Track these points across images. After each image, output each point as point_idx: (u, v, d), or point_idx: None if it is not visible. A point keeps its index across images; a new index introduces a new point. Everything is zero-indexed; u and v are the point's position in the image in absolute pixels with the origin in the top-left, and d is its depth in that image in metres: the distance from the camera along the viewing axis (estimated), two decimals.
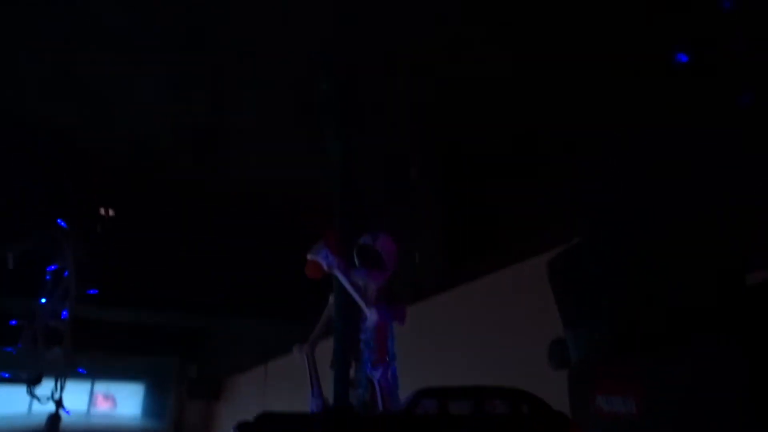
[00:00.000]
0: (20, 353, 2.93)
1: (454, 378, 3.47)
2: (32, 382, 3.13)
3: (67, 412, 2.91)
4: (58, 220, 2.99)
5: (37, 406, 3.17)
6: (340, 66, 3.21)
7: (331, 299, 2.02)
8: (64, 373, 2.91)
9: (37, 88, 3.95)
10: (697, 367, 2.32)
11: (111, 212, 3.31)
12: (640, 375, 2.72)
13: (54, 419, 2.82)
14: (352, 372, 1.92)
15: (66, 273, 3.02)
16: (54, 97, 4.02)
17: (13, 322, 3.02)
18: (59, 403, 2.86)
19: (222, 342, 8.07)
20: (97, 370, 8.18)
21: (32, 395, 2.91)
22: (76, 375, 8.11)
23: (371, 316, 1.80)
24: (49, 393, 2.87)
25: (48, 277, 3.05)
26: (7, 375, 3.09)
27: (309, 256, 1.91)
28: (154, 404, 8.54)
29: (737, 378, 2.02)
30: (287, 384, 5.49)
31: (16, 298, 3.15)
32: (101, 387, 8.52)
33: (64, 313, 2.98)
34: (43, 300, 2.99)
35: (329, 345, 1.95)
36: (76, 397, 8.40)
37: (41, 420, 7.41)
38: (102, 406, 8.45)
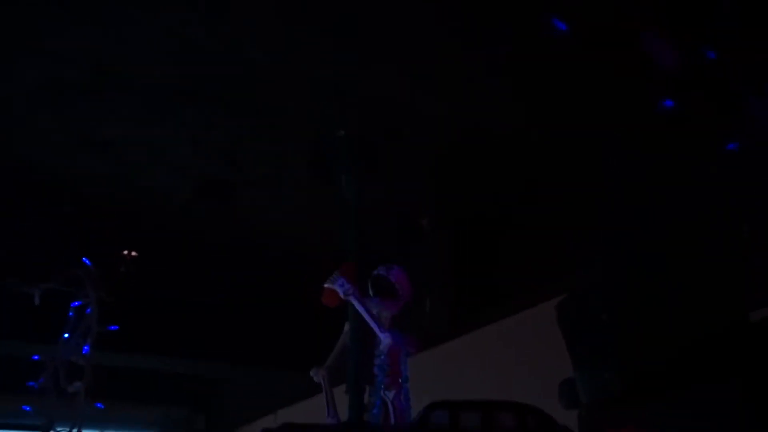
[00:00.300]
0: (42, 388, 3.02)
1: None
2: (45, 429, 3.20)
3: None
4: (84, 259, 3.12)
5: None
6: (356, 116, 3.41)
7: (347, 327, 2.12)
8: (83, 409, 2.98)
9: (60, 140, 4.12)
10: (701, 411, 2.37)
11: (134, 253, 3.45)
12: (648, 418, 2.76)
13: None
14: (366, 397, 2.00)
15: (88, 310, 3.13)
16: (76, 150, 4.20)
17: (36, 357, 3.11)
18: None
19: (231, 392, 8.04)
20: (107, 419, 8.18)
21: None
22: (89, 421, 8.15)
23: (385, 339, 1.90)
24: None
25: (71, 314, 3.16)
26: (28, 408, 3.16)
27: (326, 285, 2.03)
28: None
29: (739, 422, 2.07)
30: None
31: (39, 334, 3.25)
32: None
33: (86, 348, 3.08)
34: (66, 335, 3.09)
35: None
36: None
37: None
38: None
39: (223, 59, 3.39)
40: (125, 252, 3.42)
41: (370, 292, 2.13)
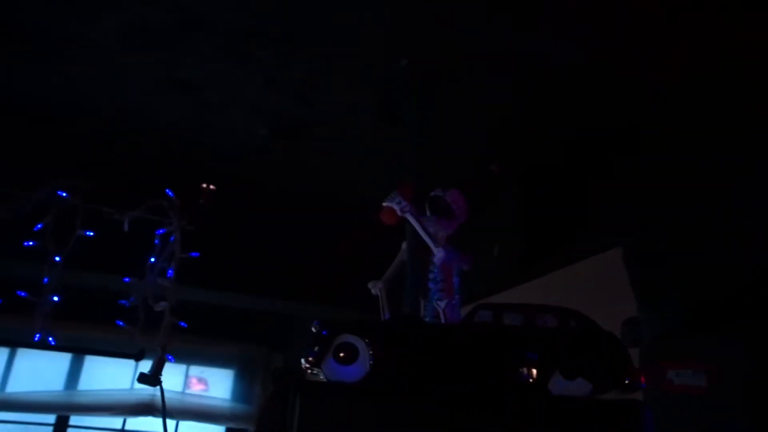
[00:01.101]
0: (132, 306, 3.31)
1: None
2: (137, 357, 3.47)
3: (170, 358, 3.25)
4: (167, 190, 3.36)
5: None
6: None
7: (404, 245, 2.23)
8: (168, 327, 3.25)
9: (145, 80, 4.35)
10: (761, 347, 2.36)
11: (212, 187, 3.67)
12: (711, 351, 2.76)
13: (160, 360, 3.15)
14: (421, 309, 2.12)
15: (172, 237, 3.38)
16: (160, 91, 4.42)
17: (126, 279, 3.41)
18: (165, 349, 3.20)
19: (306, 331, 8.39)
20: (191, 355, 8.76)
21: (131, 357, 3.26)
22: (174, 357, 8.78)
23: (438, 254, 2.00)
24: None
25: (157, 241, 3.42)
26: (121, 323, 3.46)
27: (384, 203, 2.14)
28: (242, 390, 8.98)
29: None
30: None
31: (129, 260, 3.54)
32: (195, 370, 9.09)
33: (170, 271, 3.34)
34: (152, 259, 3.36)
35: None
36: (173, 378, 8.98)
37: (141, 398, 8.02)
38: (196, 388, 9.02)
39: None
40: (204, 185, 3.64)
41: (428, 213, 2.23)
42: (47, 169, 3.98)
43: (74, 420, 8.27)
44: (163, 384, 8.59)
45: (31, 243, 3.16)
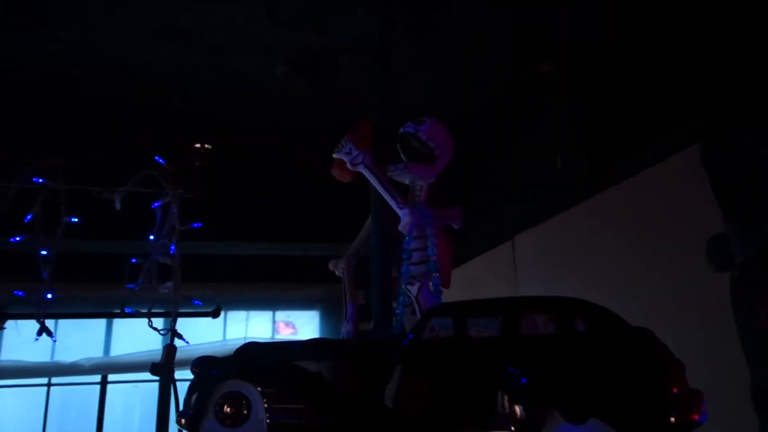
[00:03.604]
0: (141, 288, 2.95)
1: (606, 291, 2.98)
2: (214, 314, 3.21)
3: (186, 342, 2.89)
4: (156, 158, 2.90)
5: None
6: None
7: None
8: (176, 307, 2.88)
9: (141, 36, 3.92)
10: None
11: (207, 146, 3.19)
12: None
13: (170, 349, 2.81)
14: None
15: (173, 210, 2.95)
16: (158, 44, 3.97)
17: (134, 261, 3.04)
18: (175, 334, 2.85)
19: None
20: (275, 301, 8.75)
21: (152, 327, 2.93)
22: (259, 305, 8.82)
23: (404, 217, 1.38)
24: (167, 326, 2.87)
25: (158, 214, 3.01)
26: (129, 310, 3.15)
27: (334, 154, 1.53)
28: (329, 328, 8.93)
29: None
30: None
31: (132, 238, 3.18)
32: (281, 315, 9.10)
33: (172, 248, 2.93)
34: (152, 237, 2.96)
35: None
36: (261, 326, 9.04)
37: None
38: (284, 332, 9.05)
39: None
40: (198, 146, 3.16)
41: (402, 158, 1.61)
42: (44, 144, 3.69)
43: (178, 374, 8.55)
44: (251, 333, 8.67)
45: (18, 238, 2.84)
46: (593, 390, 0.89)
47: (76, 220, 2.88)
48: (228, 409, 1.02)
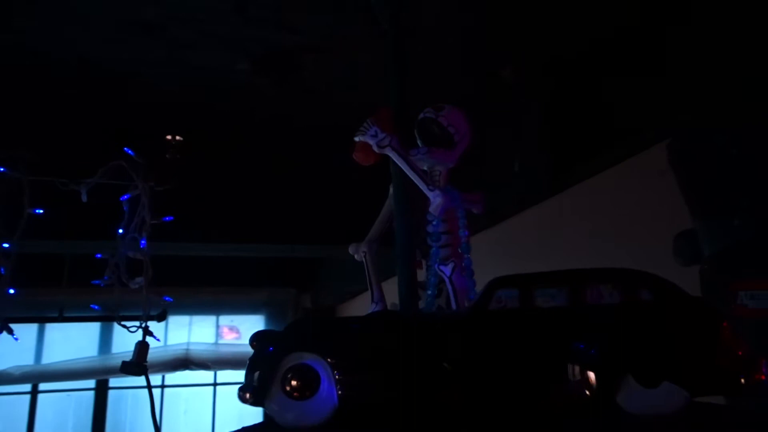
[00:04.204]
0: (107, 286, 2.82)
1: None
2: (159, 318, 3.06)
3: (157, 339, 2.79)
4: (125, 149, 2.79)
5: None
6: None
7: (392, 189, 1.62)
8: (147, 304, 2.76)
9: (102, 25, 3.79)
10: None
11: (178, 138, 3.09)
12: None
13: (142, 346, 2.70)
14: (423, 274, 1.54)
15: (140, 202, 2.84)
16: (124, 36, 3.85)
17: (99, 256, 2.91)
18: (147, 331, 2.73)
19: (333, 271, 8.03)
20: (220, 305, 8.57)
21: (122, 325, 2.80)
22: (203, 310, 8.58)
23: (435, 199, 1.39)
24: (137, 323, 2.75)
25: (124, 208, 2.89)
26: (96, 307, 3.01)
27: (356, 137, 1.52)
28: None
29: None
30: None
31: (97, 233, 3.04)
32: (225, 320, 8.91)
33: (143, 242, 2.82)
34: (121, 231, 2.84)
35: None
36: (204, 330, 8.83)
37: (176, 353, 7.87)
38: (228, 337, 8.86)
39: None
40: (169, 137, 3.06)
41: (419, 142, 1.62)
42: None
43: (113, 382, 8.22)
44: (194, 338, 8.42)
45: None
46: (664, 355, 0.93)
47: (41, 211, 2.73)
48: (295, 382, 0.99)
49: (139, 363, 2.66)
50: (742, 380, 0.93)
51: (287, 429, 0.99)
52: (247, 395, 1.01)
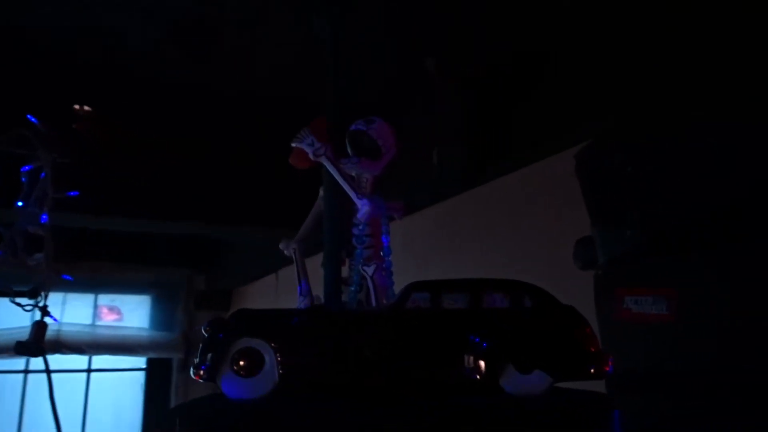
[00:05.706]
0: (2, 261, 2.95)
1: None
2: (31, 294, 3.16)
3: (55, 319, 2.96)
4: (28, 116, 2.92)
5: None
6: None
7: (321, 192, 1.97)
8: (47, 279, 2.93)
9: None
10: (724, 271, 2.28)
11: (86, 108, 3.23)
12: (674, 275, 2.67)
13: (39, 326, 2.87)
14: (345, 271, 1.89)
15: (42, 174, 2.99)
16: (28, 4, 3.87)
17: None
18: (44, 311, 2.90)
19: (231, 253, 8.17)
20: (100, 283, 8.48)
21: (16, 303, 2.95)
22: (79, 288, 8.40)
23: (363, 207, 1.75)
24: (33, 301, 2.91)
25: (24, 179, 3.02)
26: None
27: (293, 144, 1.85)
28: (161, 316, 8.81)
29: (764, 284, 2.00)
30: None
31: None
32: (105, 299, 8.84)
33: (44, 217, 2.97)
34: (20, 203, 2.97)
35: None
36: (80, 310, 8.72)
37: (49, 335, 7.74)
38: (107, 318, 8.81)
39: None
40: (77, 107, 3.20)
41: (349, 152, 1.96)
42: None
43: None
44: (69, 318, 8.29)
45: None
46: (537, 349, 1.35)
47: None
48: (243, 363, 1.33)
49: (36, 343, 2.83)
50: (593, 370, 1.38)
51: (235, 401, 1.34)
52: (201, 372, 1.34)
